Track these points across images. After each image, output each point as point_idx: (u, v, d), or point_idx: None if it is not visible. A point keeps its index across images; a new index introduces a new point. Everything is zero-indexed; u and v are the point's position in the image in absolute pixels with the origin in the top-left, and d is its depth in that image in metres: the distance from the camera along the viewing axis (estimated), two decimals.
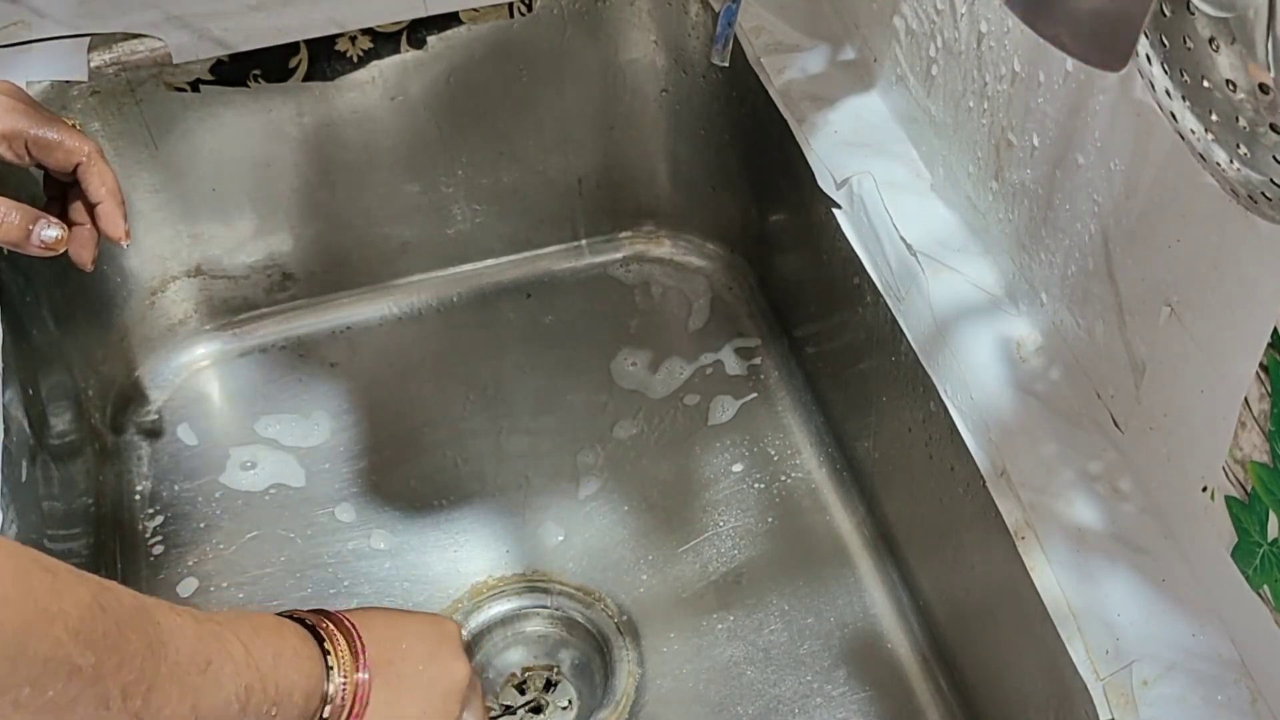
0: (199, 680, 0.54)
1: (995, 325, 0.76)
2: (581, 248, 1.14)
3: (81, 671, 0.47)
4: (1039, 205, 0.71)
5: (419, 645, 0.68)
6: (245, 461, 0.99)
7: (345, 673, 0.63)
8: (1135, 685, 0.61)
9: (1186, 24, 0.47)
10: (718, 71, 1.01)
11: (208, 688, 0.54)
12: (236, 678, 0.56)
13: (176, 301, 1.06)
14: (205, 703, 0.54)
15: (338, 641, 0.63)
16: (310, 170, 1.02)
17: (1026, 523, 0.68)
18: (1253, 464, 0.56)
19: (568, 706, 0.86)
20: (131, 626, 0.51)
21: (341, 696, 0.62)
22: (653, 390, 1.03)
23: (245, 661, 0.57)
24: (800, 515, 0.95)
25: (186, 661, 0.53)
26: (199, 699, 0.53)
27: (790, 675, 0.86)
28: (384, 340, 1.08)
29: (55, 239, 0.74)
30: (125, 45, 0.92)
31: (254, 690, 0.57)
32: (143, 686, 0.50)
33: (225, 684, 0.55)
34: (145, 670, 0.50)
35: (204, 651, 0.54)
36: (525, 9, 0.99)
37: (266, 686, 0.58)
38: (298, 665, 0.61)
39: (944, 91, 0.79)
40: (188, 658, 0.53)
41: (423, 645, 0.68)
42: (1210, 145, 0.50)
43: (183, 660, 0.53)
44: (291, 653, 0.61)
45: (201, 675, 0.54)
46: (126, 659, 0.50)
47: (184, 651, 0.53)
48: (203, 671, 0.54)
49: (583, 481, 0.98)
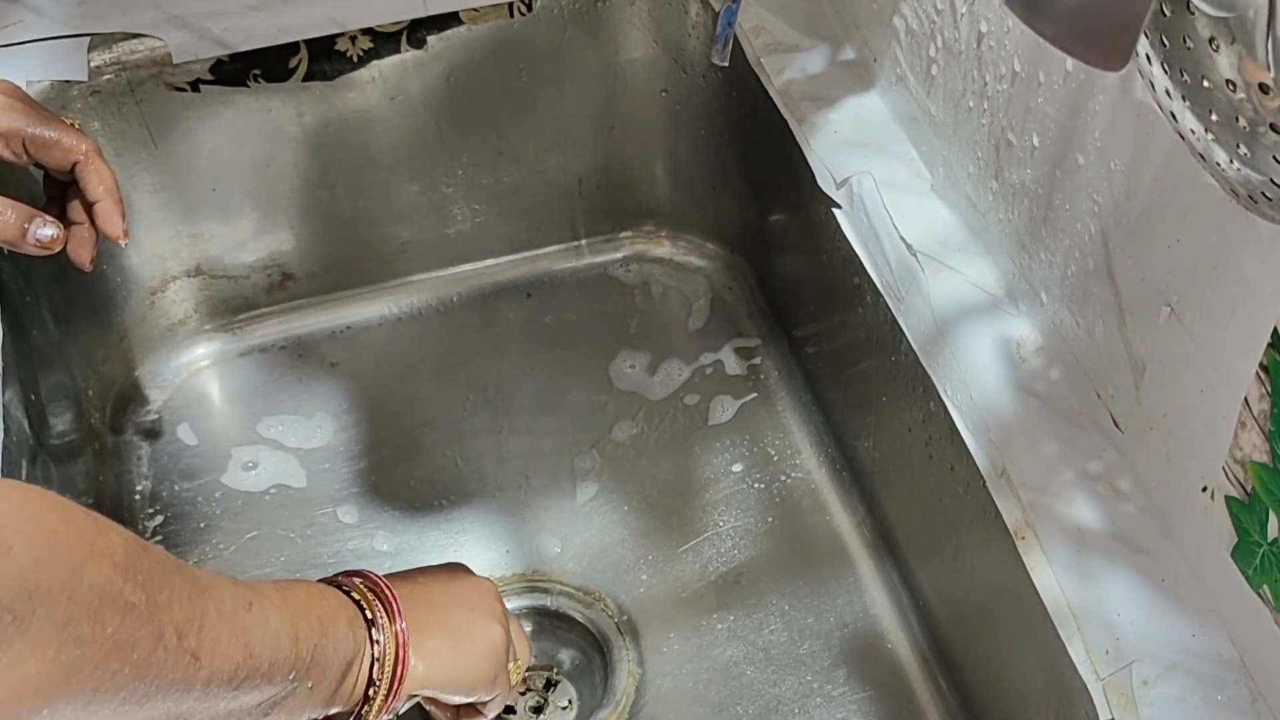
0: (247, 619, 0.55)
1: (995, 325, 0.76)
2: (581, 248, 1.14)
3: (135, 608, 0.48)
4: (1039, 205, 0.71)
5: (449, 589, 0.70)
6: (247, 462, 0.99)
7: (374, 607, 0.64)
8: (1135, 685, 0.61)
9: (1186, 24, 0.47)
10: (718, 71, 1.01)
11: (256, 625, 0.55)
12: (280, 614, 0.57)
13: (176, 301, 1.06)
14: (256, 640, 0.55)
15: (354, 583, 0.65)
16: (310, 170, 1.02)
17: (1026, 523, 0.68)
18: (1253, 464, 0.56)
19: (568, 706, 0.86)
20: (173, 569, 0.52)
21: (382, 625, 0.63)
22: (652, 391, 1.03)
23: (283, 600, 0.58)
24: (800, 515, 0.95)
25: (230, 602, 0.54)
26: (250, 637, 0.54)
27: (790, 675, 0.86)
28: (384, 340, 1.08)
29: (51, 238, 0.74)
30: (125, 45, 0.92)
31: (299, 625, 0.58)
32: (194, 625, 0.51)
33: (271, 620, 0.56)
34: (194, 608, 0.51)
35: (243, 594, 0.55)
36: (525, 9, 0.99)
37: (309, 620, 0.59)
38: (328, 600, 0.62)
39: (944, 91, 0.79)
40: (230, 599, 0.54)
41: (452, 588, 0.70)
42: (1210, 145, 0.50)
43: (226, 600, 0.54)
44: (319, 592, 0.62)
45: (248, 614, 0.55)
46: (175, 596, 0.51)
47: (225, 594, 0.54)
48: (247, 610, 0.55)
49: (583, 481, 0.98)
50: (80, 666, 0.46)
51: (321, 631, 0.59)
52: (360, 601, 0.63)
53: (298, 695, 0.58)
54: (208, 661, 0.51)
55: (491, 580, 0.74)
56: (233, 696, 0.54)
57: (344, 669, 0.61)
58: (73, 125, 0.77)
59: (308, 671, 0.58)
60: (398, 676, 0.63)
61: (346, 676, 0.61)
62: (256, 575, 0.92)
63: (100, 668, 0.47)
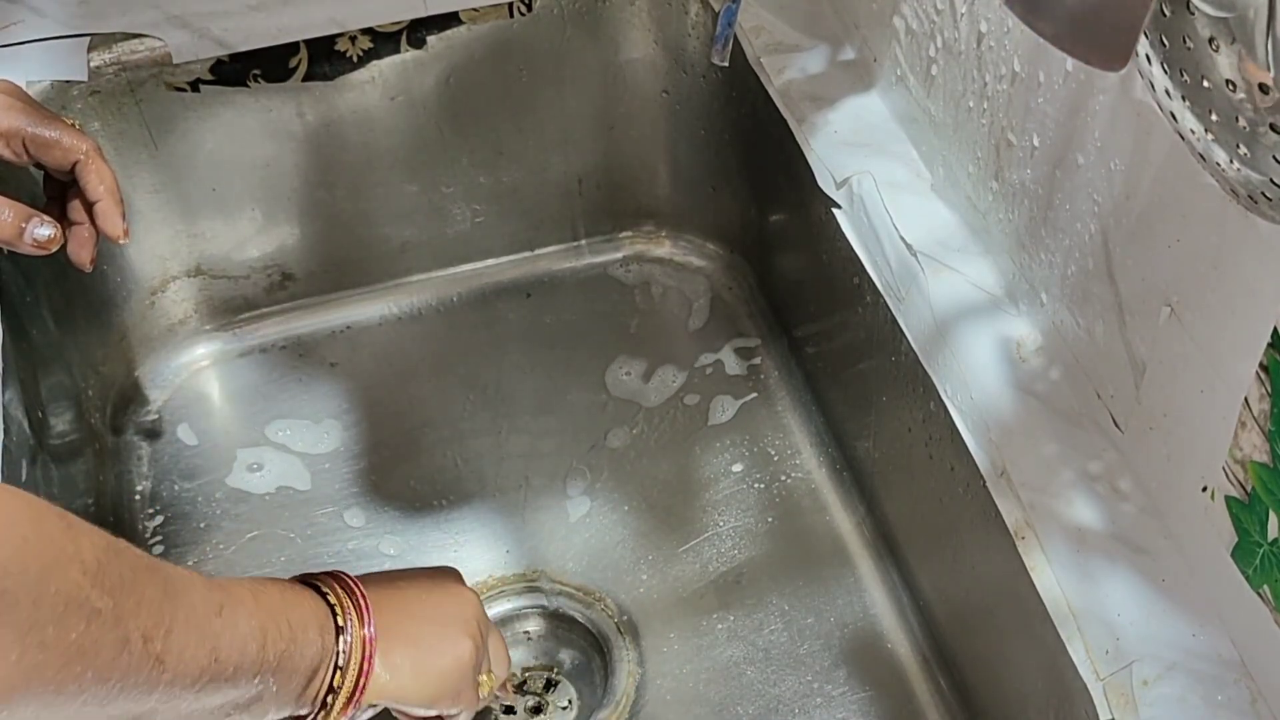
0: (217, 624, 0.55)
1: (995, 325, 0.76)
2: (581, 248, 1.14)
3: (101, 614, 0.48)
4: (1039, 205, 0.71)
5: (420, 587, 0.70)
6: (252, 464, 0.99)
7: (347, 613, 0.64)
8: (1135, 685, 0.61)
9: (1186, 24, 0.47)
10: (718, 71, 1.01)
11: (225, 631, 0.55)
12: (250, 619, 0.57)
13: (176, 301, 1.06)
14: (224, 645, 0.55)
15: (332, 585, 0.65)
16: (310, 170, 1.02)
17: (1026, 523, 0.68)
18: (1253, 464, 0.56)
19: (568, 706, 0.86)
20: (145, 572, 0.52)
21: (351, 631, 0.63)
22: (651, 391, 1.03)
23: (255, 605, 0.58)
24: (800, 515, 0.95)
25: (201, 606, 0.54)
26: (218, 642, 0.54)
27: (790, 675, 0.86)
28: (384, 340, 1.08)
29: (48, 238, 0.74)
30: (125, 45, 0.92)
31: (268, 629, 0.58)
32: (161, 630, 0.51)
33: (240, 625, 0.56)
34: (163, 614, 0.51)
35: (215, 598, 0.55)
36: (525, 9, 0.99)
37: (279, 624, 0.59)
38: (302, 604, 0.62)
39: (944, 91, 0.79)
40: (201, 603, 0.54)
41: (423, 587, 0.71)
42: (1210, 145, 0.50)
43: (197, 605, 0.54)
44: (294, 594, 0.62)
45: (218, 618, 0.55)
46: (144, 602, 0.50)
47: (197, 598, 0.54)
48: (218, 614, 0.55)
49: (583, 481, 0.98)
50: (42, 670, 0.46)
51: (290, 636, 0.59)
52: (334, 605, 0.63)
53: (262, 698, 0.58)
54: (173, 665, 0.51)
55: (475, 592, 0.73)
56: (196, 698, 0.54)
57: (310, 673, 0.61)
58: (73, 125, 0.77)
59: (273, 675, 0.58)
60: (359, 686, 0.63)
61: (311, 681, 0.61)
62: (256, 574, 0.92)
63: (63, 671, 0.46)
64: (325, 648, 0.62)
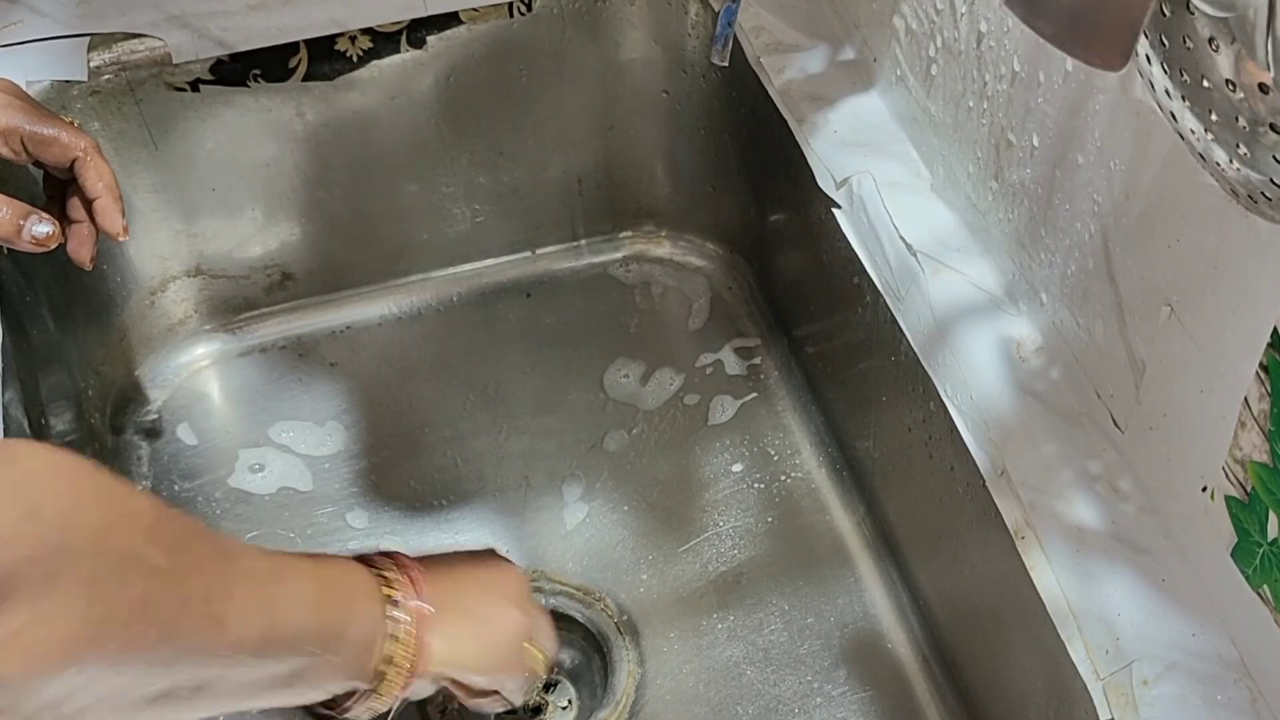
0: (274, 589, 0.55)
1: (995, 325, 0.76)
2: (581, 248, 1.14)
3: (161, 571, 0.49)
4: (1039, 205, 0.71)
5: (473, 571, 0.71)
6: (254, 464, 0.99)
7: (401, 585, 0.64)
8: (1135, 685, 0.61)
9: (1186, 24, 0.47)
10: (718, 71, 1.01)
11: (282, 596, 0.56)
12: (307, 586, 0.58)
13: (176, 301, 1.06)
14: (281, 610, 0.55)
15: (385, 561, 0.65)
16: (310, 170, 1.02)
17: (1026, 523, 0.68)
18: (1253, 464, 0.56)
19: (568, 706, 0.86)
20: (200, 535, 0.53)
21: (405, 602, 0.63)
22: (650, 392, 1.03)
23: (311, 573, 0.59)
24: (800, 515, 0.95)
25: (258, 571, 0.55)
26: (274, 606, 0.55)
27: (790, 675, 0.86)
28: (384, 340, 1.08)
29: (46, 235, 0.74)
30: (125, 45, 0.92)
31: (324, 597, 0.58)
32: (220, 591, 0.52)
33: (297, 591, 0.57)
34: (221, 574, 0.52)
35: (271, 564, 0.56)
36: (525, 9, 0.99)
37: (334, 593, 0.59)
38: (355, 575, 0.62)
39: (944, 91, 0.79)
40: (258, 568, 0.55)
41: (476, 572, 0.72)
42: (1210, 145, 0.50)
43: (254, 570, 0.55)
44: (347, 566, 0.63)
45: (275, 584, 0.56)
46: (202, 561, 0.51)
47: (253, 563, 0.55)
48: (274, 580, 0.56)
49: (582, 481, 0.98)
50: (107, 626, 0.47)
51: (345, 605, 0.60)
52: (387, 579, 0.64)
53: (320, 668, 0.58)
54: (233, 627, 0.52)
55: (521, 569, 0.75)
56: (258, 664, 0.54)
57: (366, 644, 0.61)
58: (71, 123, 0.77)
59: (330, 644, 0.58)
60: (416, 657, 0.63)
61: (367, 652, 0.61)
62: None
63: (126, 628, 0.47)
64: (379, 618, 0.62)
